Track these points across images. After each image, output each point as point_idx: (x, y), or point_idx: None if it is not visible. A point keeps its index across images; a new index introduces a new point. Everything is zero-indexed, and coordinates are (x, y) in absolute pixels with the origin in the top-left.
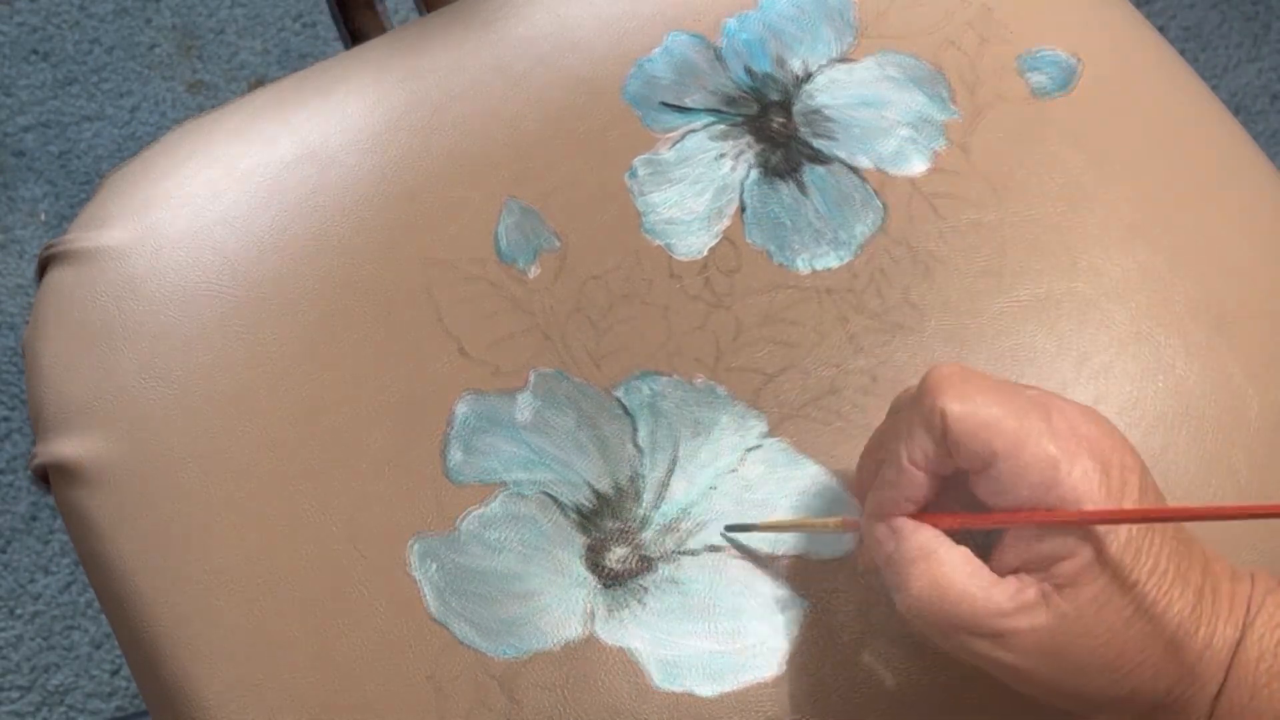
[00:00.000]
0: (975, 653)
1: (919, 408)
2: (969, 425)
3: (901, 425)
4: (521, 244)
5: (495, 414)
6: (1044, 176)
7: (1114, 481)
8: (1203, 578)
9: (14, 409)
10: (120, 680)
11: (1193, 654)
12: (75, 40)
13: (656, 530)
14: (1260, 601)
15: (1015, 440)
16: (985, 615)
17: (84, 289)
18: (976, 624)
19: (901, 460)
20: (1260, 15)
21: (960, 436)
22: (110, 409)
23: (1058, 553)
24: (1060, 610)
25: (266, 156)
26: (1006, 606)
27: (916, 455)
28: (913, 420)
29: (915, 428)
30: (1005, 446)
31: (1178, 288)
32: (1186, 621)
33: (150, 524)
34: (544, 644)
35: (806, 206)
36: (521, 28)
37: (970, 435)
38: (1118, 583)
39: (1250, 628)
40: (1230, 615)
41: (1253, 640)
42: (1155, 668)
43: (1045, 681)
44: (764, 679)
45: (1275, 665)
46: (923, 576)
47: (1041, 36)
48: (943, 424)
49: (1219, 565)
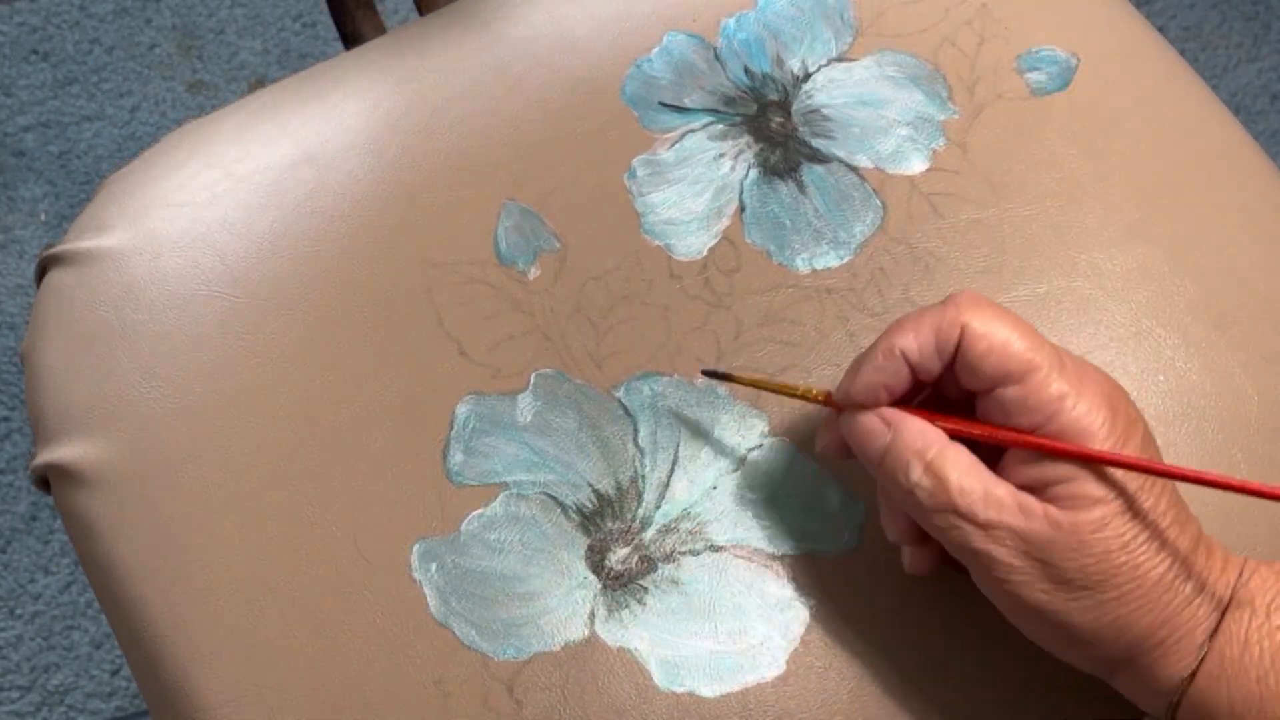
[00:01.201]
0: (966, 543)
1: (938, 314)
2: (986, 345)
3: (908, 321)
4: (521, 245)
5: (496, 415)
6: (1043, 175)
7: (1119, 425)
8: (1196, 539)
9: (14, 409)
10: (120, 680)
11: (1182, 597)
12: (75, 40)
13: (658, 530)
14: (1255, 568)
15: (1027, 366)
16: (983, 504)
17: (83, 292)
18: (974, 512)
19: (895, 349)
20: (1260, 15)
21: (977, 354)
22: (110, 412)
23: (1056, 477)
24: (1057, 522)
25: (265, 159)
26: (1007, 500)
27: (912, 347)
28: (924, 320)
29: (925, 327)
30: (1017, 369)
31: (1178, 285)
32: (1180, 563)
33: (151, 526)
34: (546, 645)
35: (806, 206)
36: (519, 29)
37: (985, 354)
38: (1116, 512)
39: (1245, 585)
40: (1224, 572)
41: (1246, 597)
42: (1141, 601)
43: (1028, 589)
44: (766, 679)
45: (1268, 623)
46: (926, 464)
47: (1040, 35)
48: (960, 337)
49: (1213, 540)
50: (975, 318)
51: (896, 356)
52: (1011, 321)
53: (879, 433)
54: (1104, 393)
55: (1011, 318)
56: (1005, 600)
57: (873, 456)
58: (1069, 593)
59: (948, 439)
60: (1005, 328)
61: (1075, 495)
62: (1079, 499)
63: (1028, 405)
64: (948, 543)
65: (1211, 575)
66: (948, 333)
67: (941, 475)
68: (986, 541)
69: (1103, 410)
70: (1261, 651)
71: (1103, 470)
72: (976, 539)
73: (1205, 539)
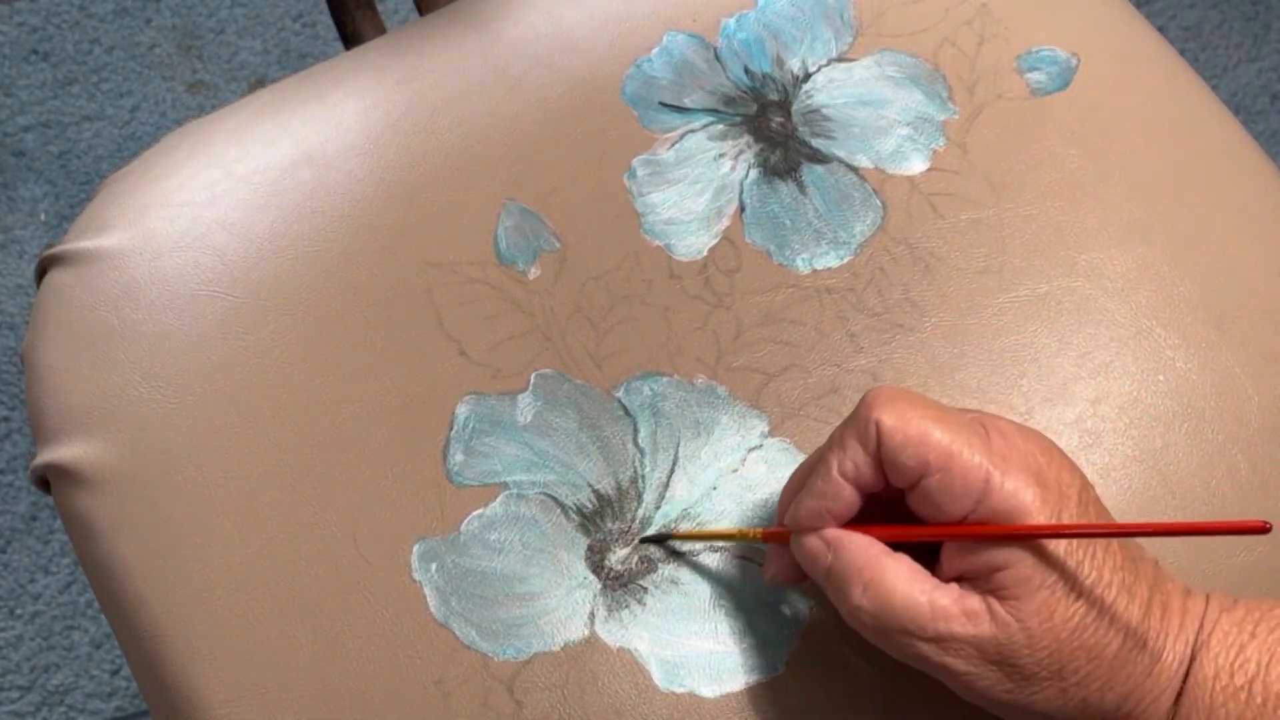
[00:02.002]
0: (921, 656)
1: (854, 422)
2: (902, 437)
3: (834, 438)
4: (521, 245)
5: (496, 416)
6: (1043, 174)
7: (1050, 495)
8: (1151, 592)
9: (14, 409)
10: (120, 680)
11: (1141, 668)
12: (75, 40)
13: (658, 530)
14: (1215, 620)
15: (946, 453)
16: (930, 619)
17: (83, 293)
18: (921, 628)
19: (832, 471)
20: (1260, 15)
21: (893, 448)
22: (110, 412)
23: (996, 563)
24: (1003, 619)
25: (265, 159)
26: (952, 610)
27: (847, 467)
28: (846, 433)
29: (849, 440)
30: (937, 459)
31: (1178, 285)
32: (1134, 634)
33: (151, 527)
34: (546, 645)
35: (806, 206)
36: (519, 29)
37: (902, 447)
38: (1060, 594)
39: (1205, 646)
40: (1181, 631)
41: (1208, 658)
42: (1103, 680)
43: (992, 690)
44: (766, 679)
45: (1231, 684)
46: (865, 583)
47: (1040, 35)
48: (877, 435)
49: (1170, 584)
50: (887, 414)
51: (834, 479)
52: (923, 409)
53: (821, 554)
54: (1031, 468)
55: (926, 405)
56: (972, 697)
57: (818, 576)
58: (1032, 686)
59: (887, 551)
60: (919, 418)
61: (1018, 581)
62: (1022, 584)
63: (954, 492)
64: (904, 658)
65: (1169, 637)
66: (866, 434)
67: (883, 596)
68: (941, 654)
69: (1031, 485)
70: (1227, 714)
71: (1042, 551)
72: (931, 653)
73: (1159, 593)
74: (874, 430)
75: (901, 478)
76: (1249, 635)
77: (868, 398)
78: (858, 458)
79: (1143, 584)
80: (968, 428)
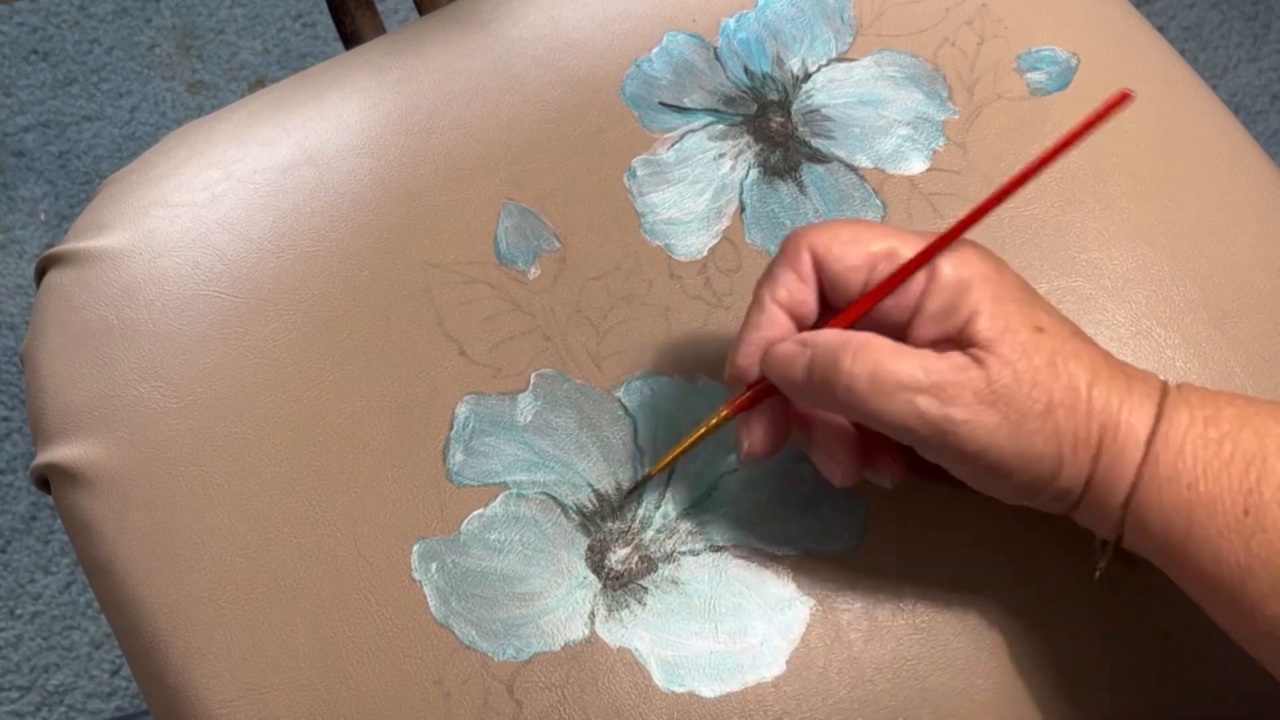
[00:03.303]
0: (923, 413)
1: (783, 255)
2: (840, 247)
3: (764, 277)
4: (521, 245)
5: (496, 416)
6: (1043, 174)
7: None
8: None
9: (14, 409)
10: (120, 680)
11: (1115, 402)
12: (75, 40)
13: (658, 530)
14: (1190, 386)
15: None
16: (924, 372)
17: (83, 293)
18: (917, 379)
19: (765, 300)
20: (1260, 15)
21: (835, 257)
22: (110, 413)
23: (964, 315)
24: (988, 361)
25: (265, 160)
26: (941, 364)
27: (780, 294)
28: (775, 266)
29: (778, 271)
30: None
31: (1178, 285)
32: (1104, 363)
33: (151, 528)
34: (546, 645)
35: (806, 206)
36: (519, 29)
37: (842, 255)
38: (1024, 332)
39: (1184, 397)
40: (1142, 378)
41: (1184, 405)
42: (1085, 413)
43: (993, 437)
44: (767, 679)
45: (1204, 434)
46: (854, 353)
47: (1040, 35)
48: (813, 259)
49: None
50: (816, 236)
51: (769, 307)
52: (843, 222)
53: (796, 354)
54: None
55: (844, 220)
56: (974, 459)
57: (799, 379)
58: (1029, 424)
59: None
60: (847, 226)
61: (989, 324)
62: (993, 324)
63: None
64: (897, 428)
65: (1136, 376)
66: (799, 261)
67: (874, 357)
68: (943, 405)
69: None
70: (1195, 458)
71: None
72: (932, 406)
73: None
74: (806, 254)
75: (848, 283)
76: (1225, 402)
77: (790, 234)
78: (790, 283)
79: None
80: (888, 225)
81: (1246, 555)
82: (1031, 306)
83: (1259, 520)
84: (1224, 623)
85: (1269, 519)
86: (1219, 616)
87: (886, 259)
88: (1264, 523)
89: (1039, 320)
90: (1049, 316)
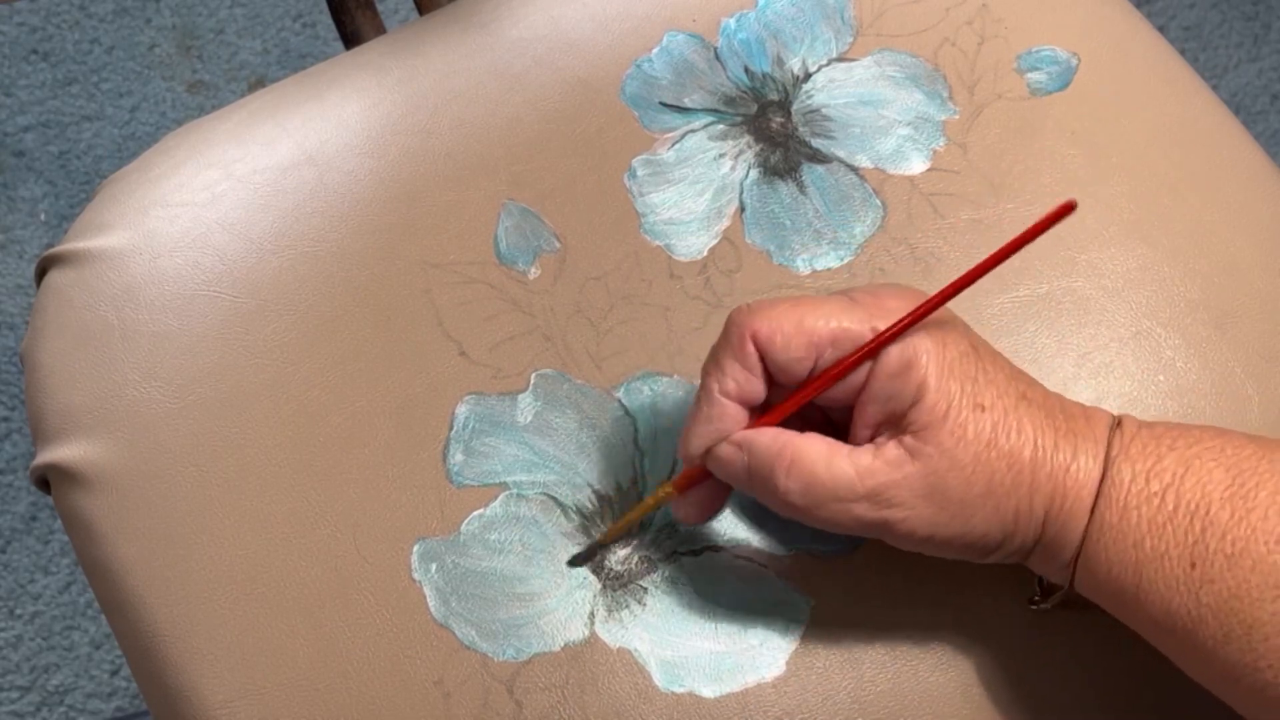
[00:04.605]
0: (859, 519)
1: (726, 343)
2: (783, 338)
3: (707, 366)
4: (521, 245)
5: (496, 416)
6: (1043, 174)
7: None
8: (1047, 398)
9: (14, 409)
10: (120, 680)
11: (1059, 465)
12: (75, 40)
13: (658, 531)
14: (1134, 432)
15: (829, 330)
16: (857, 478)
17: (83, 294)
18: (851, 488)
19: (714, 393)
20: (1260, 15)
21: (779, 349)
22: (110, 413)
23: (903, 404)
24: (925, 453)
25: (265, 160)
26: (875, 464)
27: (729, 386)
28: (720, 355)
29: (724, 360)
30: (823, 338)
31: (1178, 285)
32: (1045, 435)
33: (151, 528)
34: (546, 645)
35: (806, 206)
36: (519, 29)
37: (785, 346)
38: (967, 411)
39: (1125, 453)
40: (1090, 430)
41: (1126, 464)
42: (1028, 484)
43: (934, 527)
44: (767, 679)
45: (1146, 489)
46: (787, 465)
47: (1040, 35)
48: (757, 347)
49: (1068, 401)
50: (759, 322)
51: (718, 400)
52: (788, 305)
53: (735, 457)
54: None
55: (787, 302)
56: (916, 545)
57: (741, 481)
58: (968, 510)
59: (798, 434)
60: (789, 312)
61: (927, 410)
62: (930, 411)
63: (845, 347)
64: (843, 527)
65: (1079, 438)
66: (743, 351)
67: (806, 471)
68: (877, 509)
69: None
70: (1139, 516)
71: (941, 387)
72: (867, 511)
73: (1058, 401)
74: (750, 345)
75: (793, 372)
76: (1167, 448)
77: (733, 317)
78: (737, 374)
79: (1037, 390)
80: (834, 301)
81: (1197, 606)
82: (974, 381)
83: (1205, 572)
84: (1181, 667)
85: (1215, 570)
86: (1176, 661)
87: (832, 345)
88: (1210, 574)
89: (981, 398)
90: (992, 390)
